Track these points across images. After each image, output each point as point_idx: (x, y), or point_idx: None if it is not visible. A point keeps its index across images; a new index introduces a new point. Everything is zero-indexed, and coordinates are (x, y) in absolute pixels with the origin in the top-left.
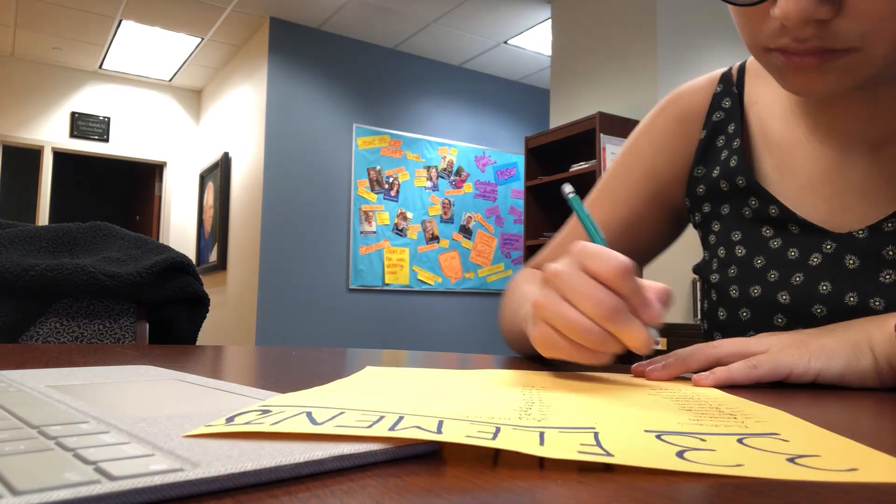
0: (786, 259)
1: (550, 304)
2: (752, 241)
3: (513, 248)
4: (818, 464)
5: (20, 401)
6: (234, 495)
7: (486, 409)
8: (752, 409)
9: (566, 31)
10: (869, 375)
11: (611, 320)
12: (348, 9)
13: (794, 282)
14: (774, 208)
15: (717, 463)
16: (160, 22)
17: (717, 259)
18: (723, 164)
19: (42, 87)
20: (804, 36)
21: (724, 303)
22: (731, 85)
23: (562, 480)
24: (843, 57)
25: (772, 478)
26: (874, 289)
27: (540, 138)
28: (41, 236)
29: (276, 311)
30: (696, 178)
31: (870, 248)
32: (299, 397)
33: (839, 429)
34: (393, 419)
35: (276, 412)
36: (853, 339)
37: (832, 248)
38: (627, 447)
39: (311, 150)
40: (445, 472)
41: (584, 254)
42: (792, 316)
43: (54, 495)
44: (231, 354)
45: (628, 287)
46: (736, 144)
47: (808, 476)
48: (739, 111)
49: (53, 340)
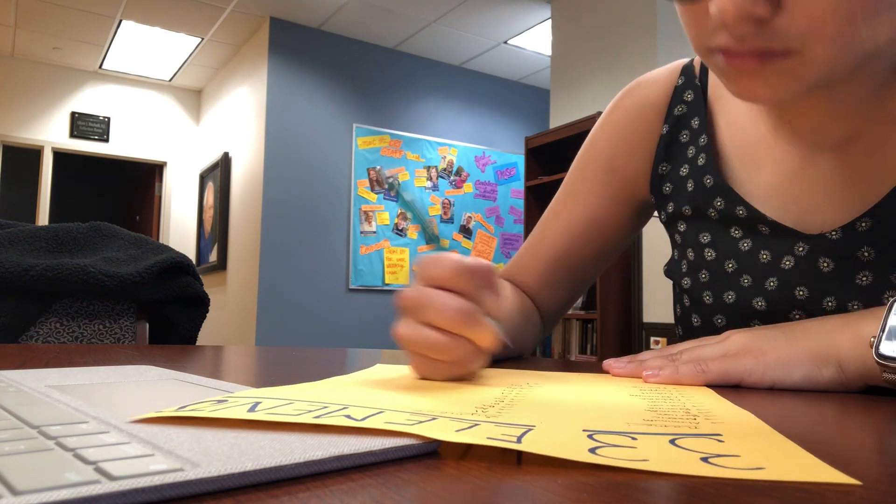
0: (758, 262)
1: (408, 333)
2: (722, 243)
3: (513, 248)
4: (730, 463)
5: (20, 401)
6: (234, 495)
7: (441, 404)
8: (724, 412)
9: (566, 31)
10: (831, 386)
11: (463, 324)
12: (348, 9)
13: (768, 287)
14: (742, 209)
15: (622, 457)
16: (160, 22)
17: (686, 261)
18: (691, 162)
19: (42, 87)
20: (742, 33)
21: (697, 309)
22: (694, 77)
23: (562, 480)
24: (784, 59)
25: (674, 472)
26: (851, 292)
27: (540, 138)
28: (41, 236)
29: (276, 311)
30: (661, 175)
31: (844, 250)
32: (265, 391)
33: (829, 431)
34: (330, 409)
35: (230, 402)
36: (816, 349)
37: (804, 251)
38: (546, 440)
39: (311, 150)
40: (445, 472)
41: (424, 266)
42: (769, 321)
43: (54, 495)
44: (231, 354)
45: (465, 283)
46: (703, 141)
47: (713, 473)
48: (704, 106)
49: (53, 340)
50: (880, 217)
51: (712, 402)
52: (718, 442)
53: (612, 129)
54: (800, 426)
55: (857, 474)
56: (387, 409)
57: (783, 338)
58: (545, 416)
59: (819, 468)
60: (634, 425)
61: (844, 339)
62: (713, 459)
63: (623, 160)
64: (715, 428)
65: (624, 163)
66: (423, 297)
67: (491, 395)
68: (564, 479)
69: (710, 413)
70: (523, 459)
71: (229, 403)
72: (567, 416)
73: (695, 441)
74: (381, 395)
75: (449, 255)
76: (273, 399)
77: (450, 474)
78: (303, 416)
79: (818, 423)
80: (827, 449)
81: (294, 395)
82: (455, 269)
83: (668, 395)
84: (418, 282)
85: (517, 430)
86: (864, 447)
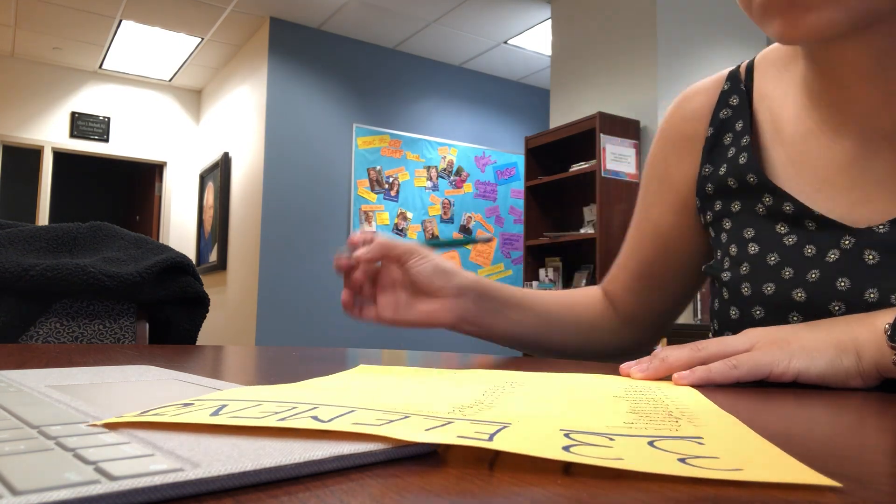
0: (802, 256)
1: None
2: (766, 238)
3: (513, 248)
4: (708, 464)
5: (20, 401)
6: (234, 495)
7: (417, 403)
8: (706, 415)
9: (566, 31)
10: (851, 376)
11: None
12: (348, 9)
13: (809, 279)
14: (789, 205)
15: (597, 456)
16: (160, 22)
17: (728, 257)
18: (730, 162)
19: (42, 87)
20: None
21: (735, 301)
22: (739, 82)
23: (562, 481)
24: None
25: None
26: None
27: (540, 138)
28: (41, 236)
29: (276, 311)
30: (703, 177)
31: (891, 243)
32: (236, 392)
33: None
34: (299, 409)
35: (196, 405)
36: (837, 338)
37: (850, 244)
38: (519, 439)
39: (311, 150)
40: (446, 472)
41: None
42: (808, 314)
43: (54, 495)
44: (231, 354)
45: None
46: (745, 141)
47: (689, 473)
48: (748, 108)
49: (53, 340)
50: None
51: (696, 404)
52: (698, 444)
53: (665, 142)
54: (786, 426)
55: (840, 476)
56: (358, 408)
57: (804, 329)
58: (522, 415)
59: (798, 470)
60: (614, 427)
61: (863, 329)
62: (691, 460)
63: (675, 169)
64: (696, 431)
65: (676, 172)
66: None
67: (472, 395)
68: (563, 480)
69: (693, 416)
70: (497, 463)
71: (195, 407)
72: (545, 415)
73: (674, 443)
74: (355, 394)
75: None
76: (241, 401)
77: (451, 474)
78: (268, 418)
79: (808, 423)
80: (814, 449)
81: (264, 397)
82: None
83: (651, 395)
84: None
85: (491, 428)
86: (850, 448)
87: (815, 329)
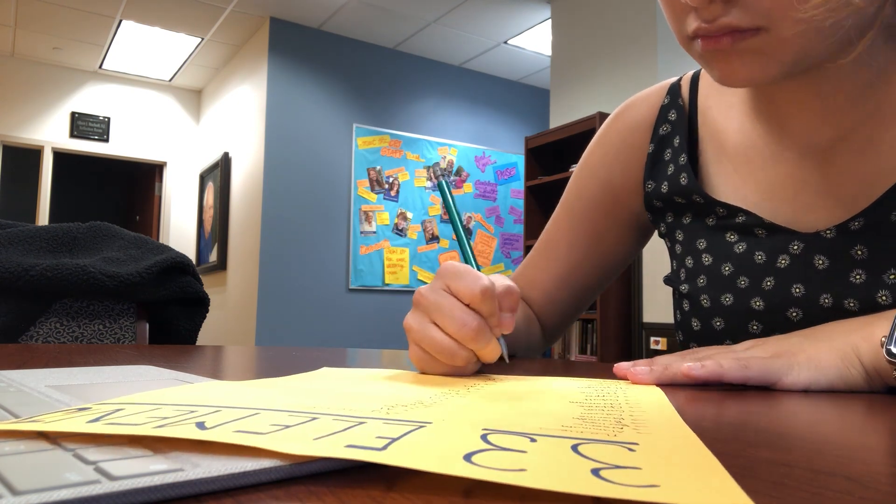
0: (753, 263)
1: (418, 328)
2: (717, 247)
3: (513, 248)
4: (623, 477)
5: (20, 401)
6: (234, 495)
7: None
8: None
9: (566, 31)
10: (859, 385)
11: (473, 341)
12: (348, 9)
13: (765, 287)
14: (742, 216)
15: (498, 467)
16: (160, 22)
17: (685, 269)
18: (670, 179)
19: (42, 87)
20: (712, 15)
21: (697, 313)
22: (678, 96)
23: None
24: (753, 37)
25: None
26: (847, 289)
27: (540, 138)
28: (41, 236)
29: (276, 311)
30: (648, 193)
31: (838, 248)
32: (140, 396)
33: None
34: (198, 413)
35: (93, 409)
36: (840, 348)
37: (800, 249)
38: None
39: (311, 150)
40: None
41: (449, 275)
42: (767, 321)
43: (54, 495)
44: (231, 354)
45: (488, 308)
46: (682, 160)
47: (595, 491)
48: (686, 124)
49: (53, 340)
50: (873, 217)
51: (658, 413)
52: (628, 451)
53: (607, 150)
54: (787, 426)
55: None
56: (264, 410)
57: (807, 342)
58: (450, 414)
59: (727, 492)
60: (545, 428)
61: (861, 339)
62: (605, 472)
63: (619, 179)
64: (636, 437)
65: (620, 181)
66: (440, 302)
67: (418, 395)
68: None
69: (643, 423)
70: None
71: (87, 413)
72: (474, 415)
73: (600, 448)
74: (277, 393)
75: (473, 275)
76: (140, 405)
77: (452, 474)
78: (143, 426)
79: (811, 424)
80: (823, 451)
81: (168, 399)
82: (482, 293)
83: (612, 401)
84: (439, 285)
85: (405, 429)
86: (855, 449)
87: (814, 340)
